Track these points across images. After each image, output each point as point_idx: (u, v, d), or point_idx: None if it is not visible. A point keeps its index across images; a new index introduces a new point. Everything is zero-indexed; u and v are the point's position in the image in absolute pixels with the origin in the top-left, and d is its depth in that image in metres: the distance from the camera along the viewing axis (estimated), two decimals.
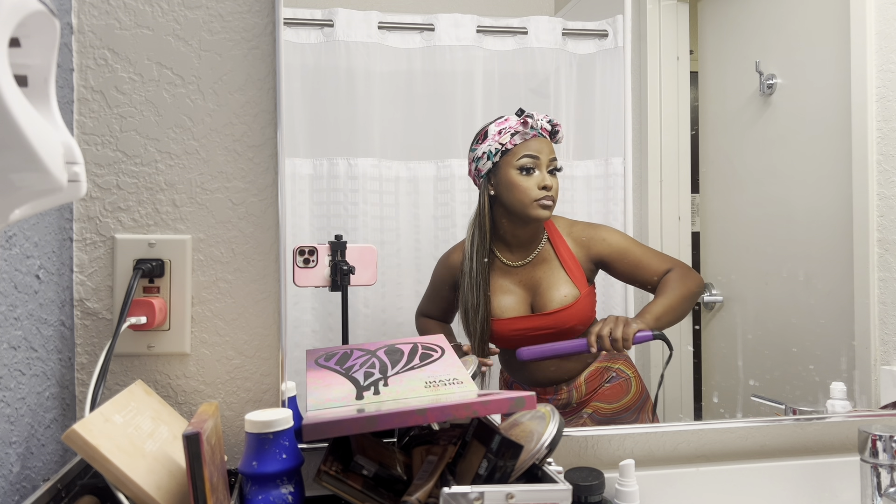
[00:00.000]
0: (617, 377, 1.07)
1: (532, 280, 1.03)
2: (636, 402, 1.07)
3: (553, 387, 1.07)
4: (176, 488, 0.72)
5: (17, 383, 0.75)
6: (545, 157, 1.00)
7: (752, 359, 1.14)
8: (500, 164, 1.00)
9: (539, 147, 0.99)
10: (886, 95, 1.17)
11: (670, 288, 1.04)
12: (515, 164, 0.99)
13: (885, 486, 0.93)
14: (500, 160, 0.99)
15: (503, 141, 0.98)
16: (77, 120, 0.93)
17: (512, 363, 1.07)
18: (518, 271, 1.03)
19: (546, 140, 1.01)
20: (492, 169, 1.00)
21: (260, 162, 0.97)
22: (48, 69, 0.45)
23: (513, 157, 0.99)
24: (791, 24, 1.16)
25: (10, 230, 0.74)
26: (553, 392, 1.06)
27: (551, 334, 1.04)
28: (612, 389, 1.07)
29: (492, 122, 1.03)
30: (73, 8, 0.92)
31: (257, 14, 0.97)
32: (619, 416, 1.07)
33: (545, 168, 0.99)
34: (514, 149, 0.98)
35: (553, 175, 1.02)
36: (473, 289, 1.01)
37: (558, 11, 1.08)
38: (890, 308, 1.16)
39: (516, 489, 0.68)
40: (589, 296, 1.04)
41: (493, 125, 1.01)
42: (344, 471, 0.78)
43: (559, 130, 1.02)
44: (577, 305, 1.03)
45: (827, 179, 1.16)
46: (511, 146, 0.99)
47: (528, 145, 0.99)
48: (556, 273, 1.03)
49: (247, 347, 0.97)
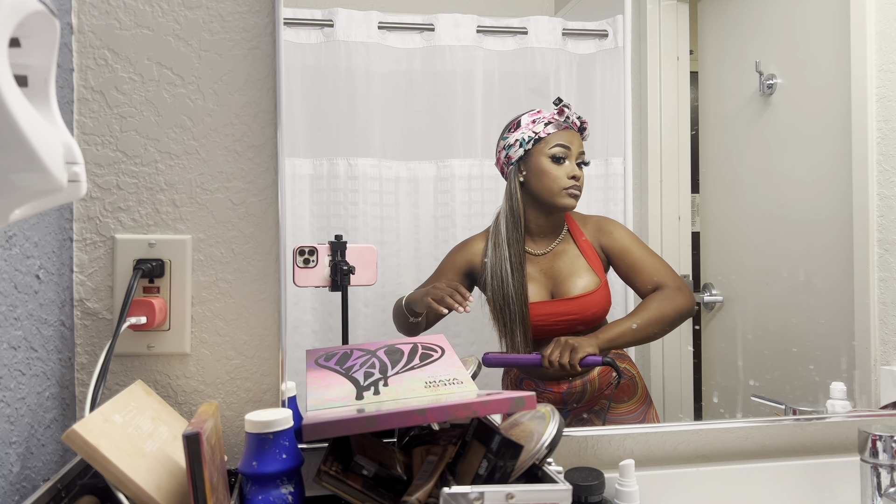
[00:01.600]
0: (624, 375, 1.07)
1: (553, 269, 1.05)
2: (644, 401, 1.08)
3: (568, 380, 1.06)
4: (176, 488, 0.72)
5: (17, 383, 0.75)
6: (575, 149, 1.03)
7: (752, 359, 1.14)
8: (532, 152, 1.02)
9: (570, 138, 1.03)
10: (886, 95, 1.17)
11: (644, 308, 1.05)
12: (548, 152, 1.01)
13: (885, 487, 0.93)
14: (533, 148, 1.02)
15: (537, 130, 1.01)
16: (77, 120, 0.93)
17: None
18: (539, 260, 1.05)
19: (576, 133, 1.03)
20: (523, 157, 1.02)
21: (260, 162, 0.97)
22: (48, 69, 0.45)
23: (545, 146, 1.01)
24: (791, 24, 1.16)
25: (10, 230, 0.74)
26: (567, 386, 1.06)
27: (573, 321, 1.04)
28: (623, 388, 1.07)
29: (524, 113, 1.05)
30: (73, 8, 0.92)
31: (257, 14, 0.97)
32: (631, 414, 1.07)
33: (574, 159, 1.02)
34: (547, 138, 1.01)
35: (580, 168, 1.05)
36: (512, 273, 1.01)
37: (558, 11, 1.08)
38: (890, 308, 1.16)
39: (516, 489, 0.68)
40: (608, 285, 1.06)
41: (526, 115, 1.03)
42: (344, 471, 0.78)
43: (587, 128, 1.05)
44: (598, 293, 1.05)
45: (827, 179, 1.16)
46: (544, 135, 1.01)
47: (560, 136, 1.02)
48: (577, 261, 1.04)
49: (247, 347, 0.97)
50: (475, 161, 1.05)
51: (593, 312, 1.05)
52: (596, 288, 1.05)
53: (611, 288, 1.07)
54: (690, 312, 1.07)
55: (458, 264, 1.03)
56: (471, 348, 1.05)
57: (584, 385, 1.06)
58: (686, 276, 1.12)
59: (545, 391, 1.07)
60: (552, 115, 1.01)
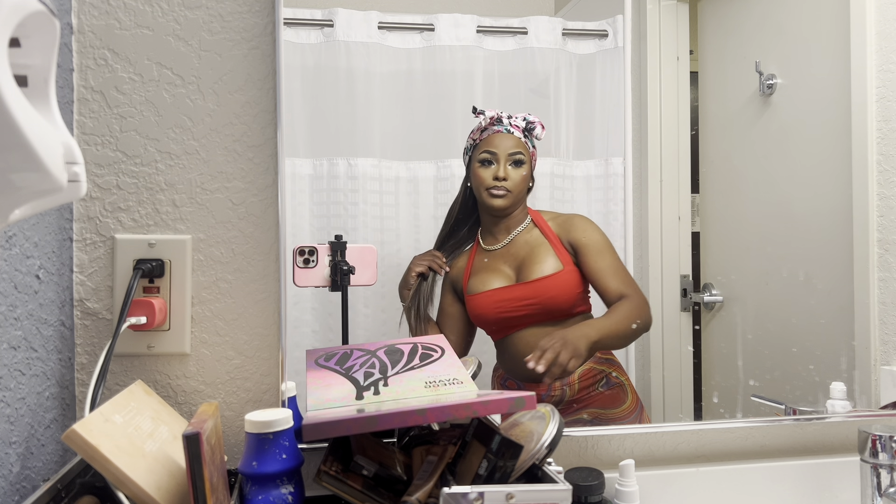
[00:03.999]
0: (611, 383, 1.07)
1: (516, 257, 1.06)
2: (634, 409, 1.08)
3: (546, 384, 1.06)
4: (176, 488, 0.72)
5: (17, 383, 0.75)
6: (503, 150, 1.05)
7: (752, 359, 1.14)
8: (471, 159, 1.06)
9: (499, 142, 1.05)
10: (886, 95, 1.17)
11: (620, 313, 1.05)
12: (477, 157, 1.05)
13: (885, 486, 0.93)
14: (471, 155, 1.06)
15: (474, 137, 1.06)
16: (77, 120, 0.93)
17: (506, 356, 1.06)
18: (499, 253, 1.07)
19: (511, 136, 1.05)
20: (468, 164, 1.06)
21: (260, 162, 0.97)
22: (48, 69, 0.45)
23: (477, 153, 1.06)
24: (791, 24, 1.16)
25: (10, 230, 0.74)
26: (546, 389, 1.06)
27: (532, 307, 1.04)
28: (608, 396, 1.07)
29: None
30: (73, 8, 0.92)
31: (257, 14, 0.97)
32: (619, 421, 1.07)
33: (504, 161, 1.04)
34: (479, 144, 1.06)
35: (517, 167, 1.05)
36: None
37: (558, 11, 1.08)
38: (890, 308, 1.16)
39: (516, 489, 0.68)
40: (574, 273, 1.05)
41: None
42: (344, 471, 0.78)
43: (535, 127, 1.06)
44: (560, 276, 1.04)
45: (827, 179, 1.16)
46: (479, 142, 1.06)
47: (489, 140, 1.05)
48: (541, 248, 1.06)
49: (247, 347, 0.97)
50: None
51: (552, 296, 1.04)
52: (557, 272, 1.05)
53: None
54: (647, 325, 1.09)
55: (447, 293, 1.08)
56: (471, 348, 1.05)
57: (563, 389, 1.06)
58: (686, 275, 1.12)
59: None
60: (480, 123, 1.06)
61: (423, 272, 1.04)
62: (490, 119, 1.04)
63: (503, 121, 1.05)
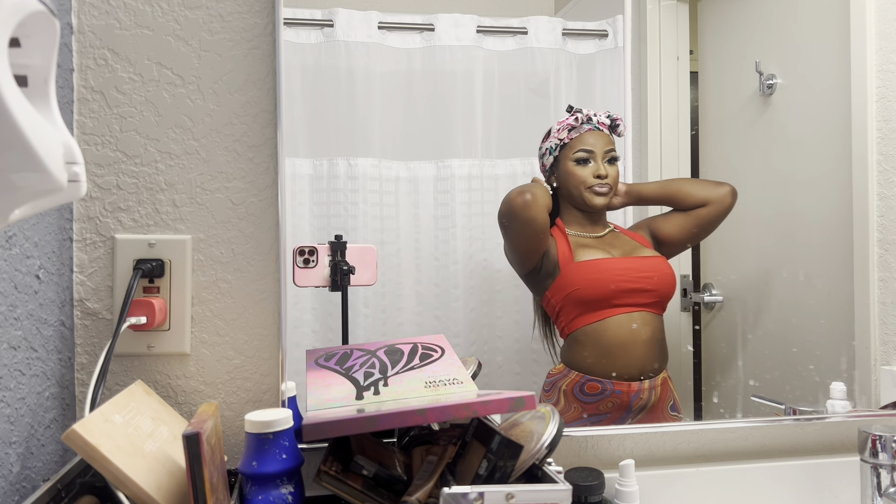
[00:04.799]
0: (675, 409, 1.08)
1: (612, 245, 1.07)
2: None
3: (638, 382, 1.05)
4: (176, 488, 0.72)
5: (17, 383, 0.75)
6: (600, 149, 1.06)
7: (752, 359, 1.14)
8: (560, 158, 1.06)
9: (595, 140, 1.06)
10: (886, 95, 1.17)
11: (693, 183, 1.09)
12: (572, 156, 1.06)
13: (885, 486, 0.93)
14: (560, 154, 1.06)
15: (561, 136, 1.06)
16: (77, 120, 0.93)
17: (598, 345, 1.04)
18: (596, 240, 1.08)
19: (602, 133, 1.07)
20: (553, 163, 1.06)
21: (260, 162, 0.97)
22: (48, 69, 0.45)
23: (570, 151, 1.06)
24: (791, 24, 1.16)
25: (10, 230, 0.74)
26: (637, 389, 1.05)
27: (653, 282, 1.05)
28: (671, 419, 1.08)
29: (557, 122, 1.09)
30: (73, 8, 0.92)
31: (257, 14, 0.97)
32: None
33: (601, 159, 1.06)
34: (571, 143, 1.06)
35: (612, 164, 1.07)
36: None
37: (558, 11, 1.08)
38: (890, 308, 1.16)
39: (516, 489, 0.68)
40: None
41: (555, 123, 1.07)
42: (344, 471, 0.78)
43: (619, 124, 1.08)
44: (664, 259, 1.08)
45: (827, 179, 1.16)
46: (568, 140, 1.06)
47: (583, 139, 1.06)
48: (633, 242, 1.08)
49: (247, 347, 0.97)
50: (475, 161, 1.05)
51: (666, 273, 1.07)
52: (660, 255, 1.08)
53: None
54: (728, 208, 1.10)
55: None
56: (471, 348, 1.05)
57: (650, 392, 1.05)
58: (686, 275, 1.12)
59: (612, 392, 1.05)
60: (572, 122, 1.06)
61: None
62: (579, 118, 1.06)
63: (592, 119, 1.07)
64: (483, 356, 1.06)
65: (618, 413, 1.04)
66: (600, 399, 1.05)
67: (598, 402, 1.04)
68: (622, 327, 1.04)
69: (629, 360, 1.05)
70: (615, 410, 1.04)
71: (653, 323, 1.06)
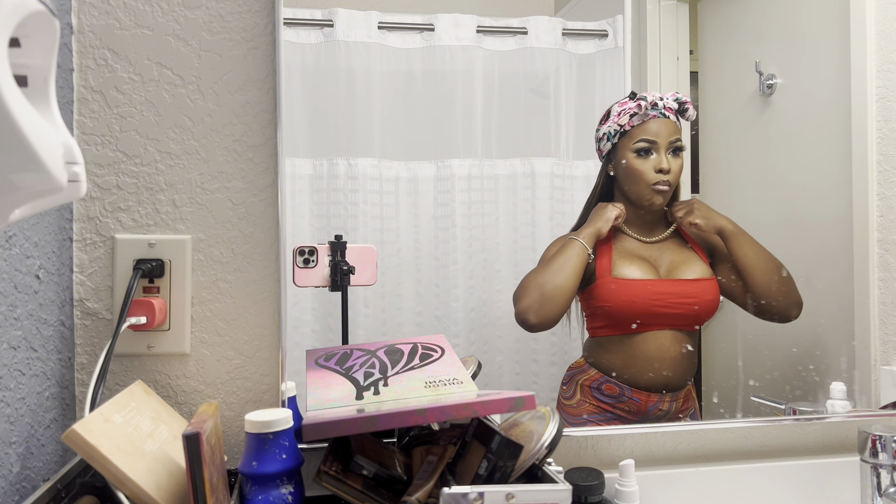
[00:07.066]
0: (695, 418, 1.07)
1: (661, 257, 1.00)
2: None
3: (658, 394, 1.02)
4: (176, 488, 0.72)
5: (17, 383, 0.75)
6: (664, 138, 0.97)
7: (752, 359, 1.14)
8: (619, 146, 0.98)
9: (658, 129, 0.97)
10: (886, 95, 1.17)
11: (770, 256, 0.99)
12: (632, 146, 0.97)
13: (885, 486, 0.93)
14: (619, 142, 0.98)
15: (622, 122, 0.97)
16: (77, 120, 0.93)
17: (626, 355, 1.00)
18: (647, 247, 1.00)
19: (668, 121, 0.98)
20: (611, 150, 0.98)
21: (260, 162, 0.97)
22: (48, 69, 0.45)
23: (629, 140, 0.97)
24: (791, 24, 1.16)
25: (10, 230, 0.74)
26: (656, 400, 1.02)
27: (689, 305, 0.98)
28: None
29: (616, 102, 1.00)
30: (73, 8, 0.92)
31: (257, 14, 0.97)
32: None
33: (664, 150, 0.97)
34: (632, 131, 0.97)
35: (676, 155, 0.99)
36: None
37: (558, 11, 1.08)
38: (890, 308, 1.16)
39: (516, 489, 0.68)
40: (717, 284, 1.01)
41: (615, 105, 0.98)
42: (344, 471, 0.78)
43: (688, 108, 0.99)
44: (713, 283, 0.99)
45: (827, 179, 1.16)
46: (629, 128, 0.97)
47: (645, 127, 0.97)
48: (688, 253, 1.00)
49: (247, 347, 0.97)
50: (475, 161, 1.05)
51: (709, 300, 0.99)
52: (710, 277, 1.00)
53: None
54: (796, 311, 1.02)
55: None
56: (471, 348, 1.05)
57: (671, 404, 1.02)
58: None
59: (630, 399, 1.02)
60: (634, 107, 0.97)
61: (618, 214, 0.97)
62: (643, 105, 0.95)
63: (657, 104, 0.96)
64: (483, 356, 1.06)
65: (634, 418, 1.04)
66: (617, 401, 1.03)
67: (615, 404, 1.04)
68: (650, 343, 1.01)
69: (653, 374, 1.03)
70: (631, 415, 1.04)
71: (684, 340, 1.02)
